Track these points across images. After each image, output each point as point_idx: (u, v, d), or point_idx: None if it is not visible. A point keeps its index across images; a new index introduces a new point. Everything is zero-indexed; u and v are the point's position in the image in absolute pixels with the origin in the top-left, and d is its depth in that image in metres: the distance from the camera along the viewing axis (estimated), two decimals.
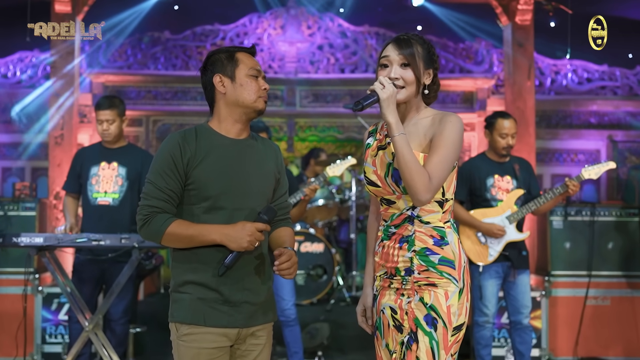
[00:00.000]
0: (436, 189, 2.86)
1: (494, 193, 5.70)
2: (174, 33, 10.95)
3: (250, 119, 3.16)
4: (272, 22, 11.02)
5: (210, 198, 3.01)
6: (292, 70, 10.92)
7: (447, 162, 2.87)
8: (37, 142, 10.33)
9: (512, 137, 5.68)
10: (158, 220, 2.97)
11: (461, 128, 2.94)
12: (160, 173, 3.00)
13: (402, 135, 2.81)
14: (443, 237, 2.95)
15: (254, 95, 3.09)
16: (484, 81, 10.79)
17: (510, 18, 8.68)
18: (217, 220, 3.00)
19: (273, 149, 3.28)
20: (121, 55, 10.79)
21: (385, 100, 2.84)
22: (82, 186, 5.63)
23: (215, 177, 3.02)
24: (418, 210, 2.95)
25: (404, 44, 2.98)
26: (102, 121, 5.56)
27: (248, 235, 2.93)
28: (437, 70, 3.05)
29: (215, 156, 3.05)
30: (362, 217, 9.25)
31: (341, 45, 11.04)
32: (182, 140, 3.04)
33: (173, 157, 3.00)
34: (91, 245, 4.98)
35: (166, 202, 2.99)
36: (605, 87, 10.96)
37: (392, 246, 3.00)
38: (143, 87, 10.84)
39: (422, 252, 2.93)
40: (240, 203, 3.04)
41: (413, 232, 2.95)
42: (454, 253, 2.95)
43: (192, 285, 2.99)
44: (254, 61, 3.16)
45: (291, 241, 3.23)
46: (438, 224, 2.96)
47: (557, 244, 7.18)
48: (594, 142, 10.91)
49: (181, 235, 2.96)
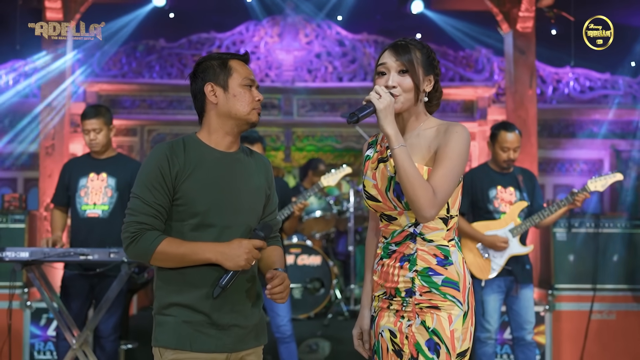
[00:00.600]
0: (441, 204, 2.72)
1: (497, 205, 5.60)
2: (170, 41, 10.82)
3: (242, 131, 3.03)
4: (269, 29, 10.91)
5: (199, 214, 2.87)
6: (289, 79, 10.79)
7: (452, 176, 2.73)
8: (29, 151, 10.20)
9: (514, 150, 5.58)
10: (147, 238, 2.82)
11: (467, 139, 2.80)
12: (147, 187, 2.86)
13: (402, 147, 2.68)
14: (447, 257, 2.81)
15: (247, 107, 2.96)
16: (484, 90, 10.66)
17: (512, 25, 8.61)
18: (205, 238, 2.87)
19: (264, 164, 3.16)
20: (115, 64, 10.66)
21: (382, 111, 2.70)
22: (70, 198, 5.50)
23: (204, 191, 2.88)
24: (421, 228, 2.81)
25: (402, 50, 2.84)
26: (89, 131, 5.44)
27: (245, 253, 2.81)
28: (438, 77, 2.92)
29: (204, 170, 2.91)
30: (360, 228, 9.15)
31: (339, 54, 10.92)
32: (170, 152, 2.90)
33: (161, 170, 2.86)
34: (78, 259, 4.87)
35: (155, 217, 2.85)
36: (608, 95, 10.82)
37: (392, 265, 2.86)
38: (138, 96, 10.71)
39: (425, 273, 2.79)
40: (231, 220, 2.91)
41: (415, 251, 2.81)
42: (458, 274, 2.80)
43: (178, 308, 2.85)
44: (248, 70, 3.03)
45: (281, 261, 3.09)
46: (442, 242, 2.82)
47: (560, 256, 7.11)
48: (596, 152, 10.80)
49: (172, 254, 2.82)
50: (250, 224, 2.97)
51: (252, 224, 2.98)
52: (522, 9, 8.39)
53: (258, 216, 3.05)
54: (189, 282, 2.85)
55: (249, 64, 3.10)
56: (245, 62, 3.06)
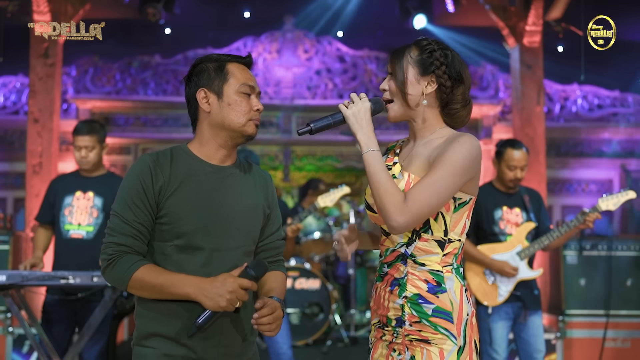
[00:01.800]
0: (415, 214, 2.42)
1: (503, 227, 5.38)
2: (165, 57, 10.67)
3: (237, 144, 2.72)
4: (267, 45, 10.77)
5: (185, 235, 2.58)
6: (288, 96, 10.62)
7: (437, 186, 2.43)
8: (19, 170, 10.02)
9: (521, 169, 5.37)
10: (124, 262, 2.54)
11: (470, 150, 2.49)
12: (128, 203, 2.59)
13: (371, 152, 2.50)
14: (440, 283, 2.52)
15: (243, 118, 2.66)
16: (489, 107, 10.52)
17: (518, 40, 8.53)
18: (192, 262, 2.59)
19: (263, 179, 2.85)
20: (109, 80, 10.50)
21: (349, 117, 2.56)
22: (54, 217, 5.28)
23: (191, 210, 2.59)
24: (413, 248, 2.54)
25: (397, 52, 2.64)
26: (80, 147, 5.23)
27: (229, 293, 2.49)
28: (445, 77, 2.60)
29: (192, 185, 2.63)
30: (361, 251, 8.92)
31: (340, 70, 10.78)
32: (154, 164, 2.62)
33: (143, 185, 2.58)
34: (59, 283, 4.63)
35: (135, 238, 2.58)
36: (617, 113, 10.68)
37: (384, 289, 2.60)
38: (132, 114, 10.55)
39: (414, 300, 2.51)
40: (221, 243, 2.63)
41: (405, 274, 2.54)
42: (452, 303, 2.50)
43: (158, 339, 2.58)
44: (248, 75, 2.72)
45: (280, 289, 2.78)
46: (435, 266, 2.53)
47: (571, 280, 7.01)
48: (606, 172, 10.68)
49: (149, 284, 2.53)
50: (245, 247, 2.70)
51: (247, 247, 2.71)
52: (529, 22, 8.30)
53: (254, 238, 2.76)
54: (172, 310, 2.57)
55: (252, 67, 2.80)
56: (246, 66, 2.77)
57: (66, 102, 10.14)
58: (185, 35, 10.62)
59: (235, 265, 2.61)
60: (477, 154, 2.50)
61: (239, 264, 2.62)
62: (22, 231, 7.37)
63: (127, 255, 2.56)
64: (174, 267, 2.58)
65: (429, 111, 2.61)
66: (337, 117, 2.60)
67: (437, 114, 2.63)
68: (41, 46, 7.89)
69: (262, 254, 2.84)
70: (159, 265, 2.59)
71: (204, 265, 2.58)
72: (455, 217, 2.53)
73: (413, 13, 9.64)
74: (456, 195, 2.51)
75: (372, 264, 9.14)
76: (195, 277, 2.52)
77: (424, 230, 2.52)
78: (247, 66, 2.76)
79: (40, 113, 7.85)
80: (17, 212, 10.16)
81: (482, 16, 9.14)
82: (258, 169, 2.88)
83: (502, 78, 10.62)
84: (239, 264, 2.62)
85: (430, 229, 2.51)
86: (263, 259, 2.80)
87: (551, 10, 8.20)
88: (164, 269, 2.56)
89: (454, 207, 2.52)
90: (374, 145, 2.51)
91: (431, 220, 2.51)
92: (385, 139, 8.89)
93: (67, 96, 10.07)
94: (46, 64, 7.85)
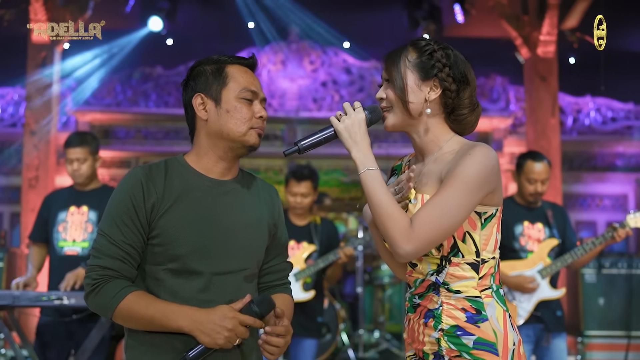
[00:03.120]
0: (423, 239, 2.16)
1: (524, 243, 5.13)
2: (167, 68, 10.65)
3: (238, 155, 2.44)
4: (271, 56, 10.75)
5: (180, 258, 2.31)
6: (293, 109, 10.56)
7: (448, 206, 2.16)
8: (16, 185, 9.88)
9: (542, 182, 5.16)
10: (110, 289, 2.27)
11: (485, 162, 2.20)
12: (116, 222, 2.32)
13: (368, 171, 2.24)
14: (479, 311, 2.23)
15: (243, 126, 2.37)
16: (500, 120, 10.44)
17: (532, 50, 8.45)
18: (188, 288, 2.32)
19: (269, 194, 2.57)
20: (109, 92, 10.46)
21: (341, 132, 2.29)
22: (48, 234, 5.08)
23: (186, 229, 2.32)
24: (444, 276, 2.26)
25: (391, 56, 2.36)
26: (72, 160, 5.03)
27: (227, 330, 2.22)
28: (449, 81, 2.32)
29: (188, 202, 2.35)
30: (369, 268, 8.88)
31: (346, 82, 10.75)
32: (147, 178, 2.34)
33: (133, 201, 2.31)
34: (53, 304, 4.37)
35: (123, 261, 2.30)
36: (631, 127, 10.64)
37: (417, 321, 2.31)
38: (132, 126, 10.50)
39: (452, 332, 2.23)
40: (221, 266, 2.36)
41: (440, 305, 2.26)
42: (496, 332, 2.22)
43: None
44: (250, 79, 2.44)
45: (288, 314, 2.49)
46: (472, 292, 2.25)
47: (590, 299, 6.86)
48: (620, 186, 10.61)
49: (138, 315, 2.26)
50: (248, 270, 2.42)
51: (251, 270, 2.43)
52: (544, 32, 8.26)
53: (259, 260, 2.49)
54: (166, 342, 2.29)
55: (256, 70, 2.53)
56: (250, 68, 2.49)
57: (65, 115, 10.06)
58: (187, 47, 10.53)
59: (237, 290, 2.37)
60: (492, 166, 2.22)
61: (242, 289, 2.38)
62: (17, 247, 7.21)
63: (113, 280, 2.29)
64: (168, 293, 2.32)
65: (432, 120, 2.34)
66: (328, 132, 2.32)
67: (442, 122, 2.36)
68: (39, 56, 7.78)
69: (267, 277, 2.58)
70: (152, 292, 2.33)
71: (202, 291, 2.33)
72: (485, 233, 2.27)
73: (422, 23, 9.62)
74: (480, 210, 2.24)
75: (380, 281, 9.03)
76: (190, 309, 2.26)
77: (453, 254, 2.25)
78: (250, 68, 2.49)
79: (37, 125, 7.76)
80: (14, 227, 10.09)
81: (492, 26, 9.14)
82: (263, 183, 2.61)
83: (513, 90, 10.57)
84: (242, 289, 2.38)
85: (459, 251, 2.24)
86: (268, 282, 2.57)
87: (567, 19, 8.08)
88: (155, 297, 2.30)
89: (481, 223, 2.25)
90: (371, 164, 2.25)
91: (459, 242, 2.24)
92: (394, 152, 8.71)
93: (67, 108, 9.98)
94: (44, 74, 7.78)
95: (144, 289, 2.34)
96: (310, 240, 5.16)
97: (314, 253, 5.14)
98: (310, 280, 5.15)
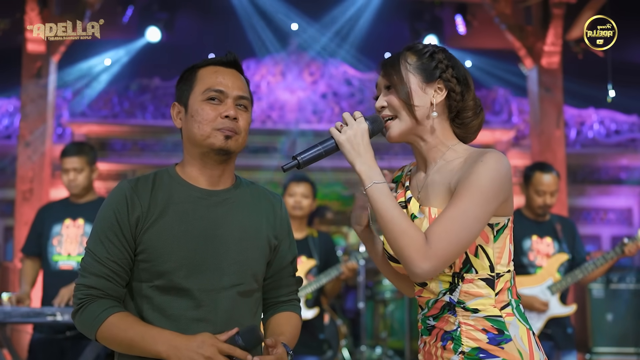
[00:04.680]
0: (442, 256, 2.03)
1: (532, 258, 5.05)
2: (165, 80, 10.52)
3: (215, 161, 2.29)
4: (271, 68, 10.65)
5: (165, 274, 2.20)
6: (292, 121, 10.47)
7: (465, 219, 2.03)
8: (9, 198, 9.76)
9: (550, 194, 5.07)
10: (93, 309, 2.19)
11: (499, 169, 2.07)
12: (100, 238, 2.24)
13: (375, 185, 2.12)
14: (502, 331, 2.10)
15: (206, 128, 2.24)
16: (502, 132, 10.38)
17: (536, 61, 8.41)
18: (176, 306, 2.22)
19: (270, 203, 2.42)
20: (106, 104, 10.34)
21: (343, 144, 2.17)
22: (42, 247, 5.00)
23: (172, 244, 2.21)
24: (458, 294, 2.12)
25: (388, 62, 2.27)
26: (69, 170, 4.96)
27: (204, 358, 2.08)
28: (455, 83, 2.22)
29: (175, 214, 2.24)
30: (371, 283, 8.78)
31: (347, 94, 10.67)
32: (131, 191, 2.24)
33: (117, 216, 2.23)
34: (46, 320, 4.28)
35: (108, 279, 2.21)
36: (635, 139, 10.59)
37: (434, 345, 2.18)
38: (129, 139, 10.39)
39: (474, 355, 2.10)
40: (210, 282, 2.23)
41: (458, 326, 2.13)
42: (521, 353, 2.08)
43: None
44: (220, 78, 2.29)
45: (291, 334, 2.36)
46: (491, 311, 2.12)
47: (598, 315, 6.82)
48: (625, 200, 10.59)
49: (118, 338, 2.17)
50: (243, 286, 2.27)
51: (246, 286, 2.28)
52: (548, 42, 8.22)
53: (256, 275, 2.33)
54: None
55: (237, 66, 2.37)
56: (227, 66, 2.34)
57: (61, 127, 9.97)
58: (185, 57, 10.35)
59: (232, 308, 2.24)
60: (506, 172, 2.10)
61: (238, 306, 2.26)
62: (11, 262, 7.09)
63: (97, 300, 2.20)
64: (156, 312, 2.20)
65: (438, 125, 2.22)
66: (329, 145, 2.20)
67: (447, 127, 2.24)
68: (34, 66, 7.73)
69: (272, 293, 2.44)
70: (140, 310, 2.22)
71: (192, 308, 2.21)
72: (498, 246, 2.13)
73: (423, 34, 9.64)
74: (492, 222, 2.11)
75: (381, 296, 8.93)
76: (171, 334, 2.14)
77: (465, 271, 2.11)
78: (228, 66, 2.35)
79: (31, 136, 7.71)
80: (7, 241, 10.01)
81: (494, 38, 9.14)
82: (266, 192, 2.46)
83: (516, 102, 10.51)
84: (238, 306, 2.26)
85: (472, 267, 2.11)
86: (273, 299, 2.43)
87: (572, 30, 8.00)
88: (138, 319, 2.20)
89: (494, 235, 2.12)
90: (377, 177, 2.13)
91: (471, 257, 2.11)
92: (397, 164, 8.62)
93: (62, 120, 9.89)
94: (39, 84, 7.67)
95: (133, 308, 2.25)
96: (309, 254, 5.05)
97: (313, 268, 5.03)
98: (311, 296, 5.03)
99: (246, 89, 2.34)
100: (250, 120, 2.34)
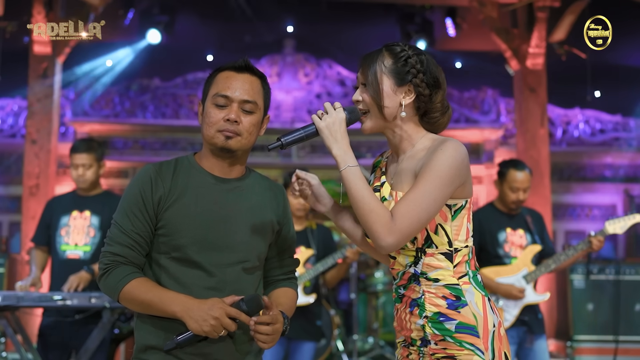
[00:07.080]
0: (405, 232, 2.28)
1: (507, 249, 5.17)
2: (165, 80, 10.59)
3: (221, 157, 2.57)
4: (267, 68, 10.66)
5: (181, 248, 2.47)
6: (288, 120, 10.53)
7: (425, 200, 2.28)
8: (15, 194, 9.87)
9: (524, 191, 5.17)
10: (118, 273, 2.45)
11: (455, 156, 2.32)
12: (127, 213, 2.50)
13: (349, 168, 2.34)
14: (459, 297, 2.37)
15: (211, 130, 2.53)
16: (491, 132, 10.43)
17: (521, 62, 8.45)
18: (190, 275, 2.48)
19: (274, 193, 2.71)
20: (108, 104, 10.38)
21: (323, 130, 2.39)
22: (50, 238, 5.13)
23: (188, 222, 2.48)
24: (421, 266, 2.39)
25: (367, 59, 2.46)
26: (78, 166, 5.10)
27: (213, 319, 2.36)
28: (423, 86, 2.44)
29: (192, 196, 2.51)
30: (363, 275, 8.84)
31: (340, 94, 10.67)
32: (156, 174, 2.52)
33: (142, 194, 2.49)
34: (56, 305, 4.47)
35: (132, 249, 2.48)
36: (619, 138, 10.63)
37: (404, 310, 2.45)
38: (130, 137, 10.44)
39: (435, 319, 2.37)
40: (219, 258, 2.50)
41: (422, 294, 2.39)
42: (475, 316, 2.35)
43: (155, 352, 2.47)
44: (230, 83, 2.55)
45: (288, 305, 2.64)
46: (450, 280, 2.38)
47: (579, 305, 6.87)
48: (609, 197, 10.58)
49: (139, 299, 2.44)
50: (248, 263, 2.55)
51: (251, 263, 2.56)
52: (532, 44, 8.26)
53: (259, 255, 2.61)
54: (169, 323, 2.44)
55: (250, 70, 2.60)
56: (241, 71, 2.59)
57: (64, 125, 10.02)
58: (184, 59, 10.59)
59: (237, 281, 2.51)
60: (462, 159, 2.34)
61: (242, 280, 2.52)
62: (18, 254, 7.24)
63: (121, 266, 2.47)
64: (172, 280, 2.48)
65: (407, 122, 2.46)
66: (310, 130, 2.43)
67: (416, 123, 2.48)
68: (40, 66, 7.82)
69: (273, 272, 2.72)
70: (157, 277, 2.50)
71: (203, 279, 2.47)
72: (456, 224, 2.39)
73: (414, 36, 9.61)
74: (450, 203, 2.36)
75: (373, 289, 8.98)
76: (185, 297, 2.41)
77: (427, 246, 2.38)
78: (240, 71, 2.59)
79: (38, 134, 7.77)
80: (12, 236, 9.99)
81: (483, 40, 9.13)
82: (270, 183, 2.74)
83: (504, 102, 10.54)
84: (242, 280, 2.52)
85: (433, 243, 2.38)
86: (274, 277, 2.71)
87: (554, 32, 8.15)
88: (157, 284, 2.47)
89: (451, 215, 2.38)
90: (351, 161, 2.35)
91: (432, 234, 2.37)
92: None
93: (65, 119, 9.95)
94: (45, 84, 7.76)
95: (151, 275, 2.50)
96: (307, 245, 5.19)
97: (311, 257, 5.18)
98: (309, 284, 5.18)
99: (254, 93, 2.56)
100: (256, 121, 2.57)
